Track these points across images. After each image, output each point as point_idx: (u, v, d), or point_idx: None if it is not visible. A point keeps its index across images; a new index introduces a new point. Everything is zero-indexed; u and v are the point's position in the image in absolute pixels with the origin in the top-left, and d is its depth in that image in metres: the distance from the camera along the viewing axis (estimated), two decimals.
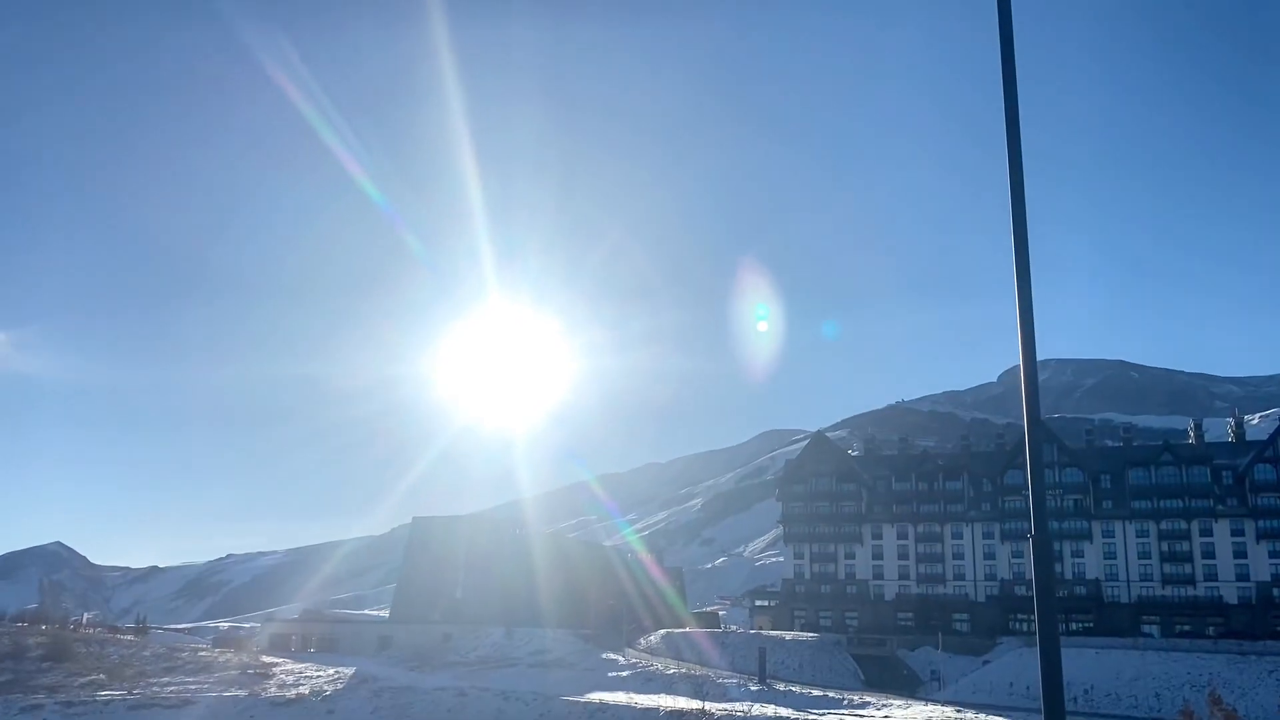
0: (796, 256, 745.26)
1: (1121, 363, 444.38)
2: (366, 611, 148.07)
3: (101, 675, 76.87)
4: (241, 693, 68.59)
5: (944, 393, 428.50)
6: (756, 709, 53.92)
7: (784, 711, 54.41)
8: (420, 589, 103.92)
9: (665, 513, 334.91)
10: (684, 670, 73.54)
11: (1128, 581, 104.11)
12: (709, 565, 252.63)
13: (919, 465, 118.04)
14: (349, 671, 72.83)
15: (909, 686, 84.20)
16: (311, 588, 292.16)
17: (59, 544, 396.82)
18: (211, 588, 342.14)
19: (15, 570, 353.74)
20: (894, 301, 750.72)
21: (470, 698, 62.99)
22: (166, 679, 74.84)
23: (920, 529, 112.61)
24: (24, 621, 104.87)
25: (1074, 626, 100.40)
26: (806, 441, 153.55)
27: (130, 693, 71.05)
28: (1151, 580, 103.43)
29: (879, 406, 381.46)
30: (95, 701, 69.43)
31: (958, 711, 59.15)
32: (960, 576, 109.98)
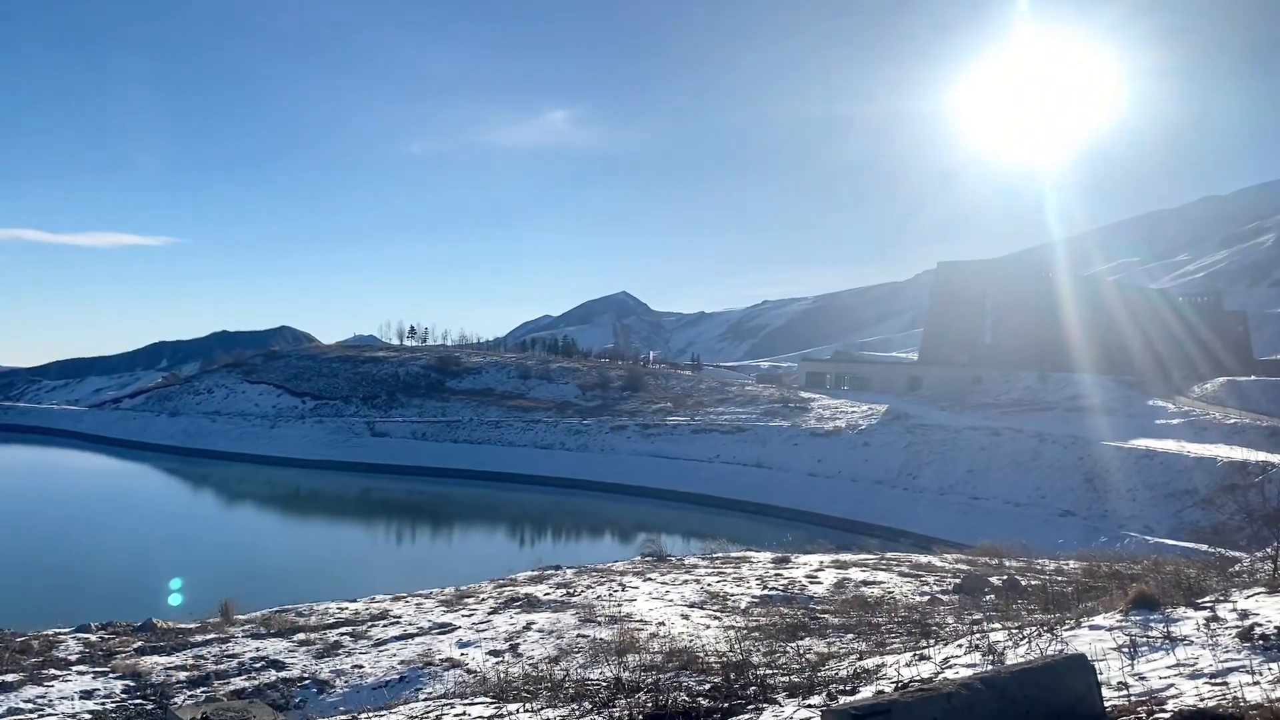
0: None
1: None
2: (894, 354, 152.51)
3: (668, 403, 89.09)
4: (785, 423, 75.53)
5: None
6: None
7: None
8: (947, 333, 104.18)
9: (1225, 251, 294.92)
10: (1249, 420, 66.57)
11: None
12: None
13: None
14: (881, 408, 76.49)
15: None
16: (840, 331, 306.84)
17: (625, 293, 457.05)
18: (750, 331, 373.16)
19: (593, 316, 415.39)
20: None
21: (1004, 438, 63.19)
22: (720, 408, 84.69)
23: None
24: (605, 359, 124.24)
25: None
26: None
27: (693, 419, 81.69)
28: None
29: None
30: (665, 425, 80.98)
31: None
32: None
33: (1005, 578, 17.85)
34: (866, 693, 6.52)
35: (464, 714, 7.99)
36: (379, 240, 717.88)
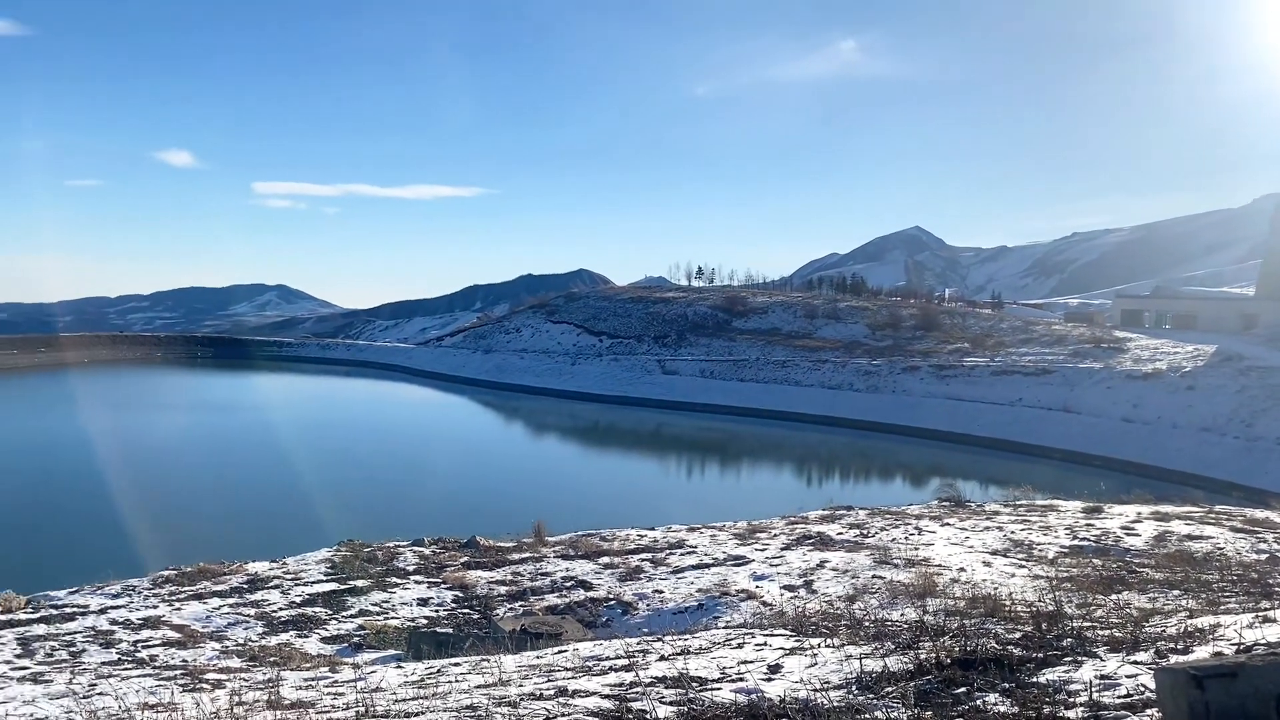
0: None
1: None
2: (1224, 289, 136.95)
3: (965, 344, 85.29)
4: (1096, 365, 70.27)
5: None
6: None
7: None
8: None
9: None
10: None
11: None
12: None
13: None
14: (1209, 349, 69.35)
15: None
16: (1160, 265, 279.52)
17: (918, 228, 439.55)
18: (1057, 266, 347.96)
19: (883, 253, 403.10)
20: None
21: None
22: (1023, 349, 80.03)
23: None
24: (896, 297, 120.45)
25: None
26: None
27: (992, 360, 77.82)
28: None
29: None
30: (962, 366, 77.74)
31: None
32: None
33: None
34: (1201, 653, 6.02)
35: (765, 644, 8.19)
36: (667, 183, 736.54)
